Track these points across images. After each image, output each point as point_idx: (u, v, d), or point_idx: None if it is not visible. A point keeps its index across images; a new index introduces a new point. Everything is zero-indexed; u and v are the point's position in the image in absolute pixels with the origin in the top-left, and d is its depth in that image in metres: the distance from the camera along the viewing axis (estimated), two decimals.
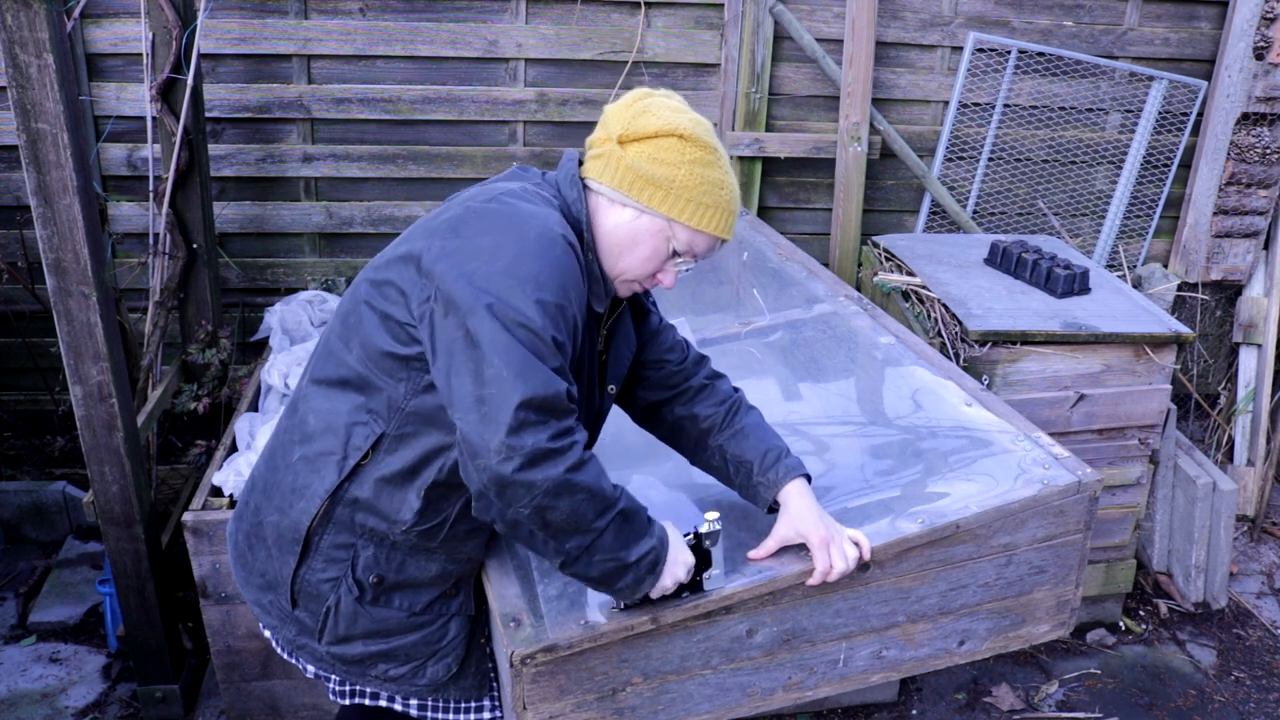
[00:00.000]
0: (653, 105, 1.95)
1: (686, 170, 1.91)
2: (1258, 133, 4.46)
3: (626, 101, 1.98)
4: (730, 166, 1.99)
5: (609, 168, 1.94)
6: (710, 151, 1.94)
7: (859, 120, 4.24)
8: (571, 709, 2.00)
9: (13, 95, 2.59)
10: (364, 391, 1.93)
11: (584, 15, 4.11)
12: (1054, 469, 2.38)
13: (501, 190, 1.93)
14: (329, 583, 2.01)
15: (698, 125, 1.94)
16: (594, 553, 1.78)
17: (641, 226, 1.94)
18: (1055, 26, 4.39)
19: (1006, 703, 3.59)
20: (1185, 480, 4.07)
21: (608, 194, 1.95)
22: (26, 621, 3.71)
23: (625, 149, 1.93)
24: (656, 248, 1.96)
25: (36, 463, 4.32)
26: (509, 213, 1.84)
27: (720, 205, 1.95)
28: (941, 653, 2.36)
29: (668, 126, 1.91)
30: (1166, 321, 3.49)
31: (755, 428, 2.22)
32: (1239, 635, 4.02)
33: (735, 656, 2.12)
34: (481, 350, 1.70)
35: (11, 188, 3.99)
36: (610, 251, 1.96)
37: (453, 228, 1.85)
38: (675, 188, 1.91)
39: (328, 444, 1.96)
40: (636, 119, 1.93)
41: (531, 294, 1.74)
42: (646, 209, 1.92)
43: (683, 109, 1.97)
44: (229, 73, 3.98)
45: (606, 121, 1.98)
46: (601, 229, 1.96)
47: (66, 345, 2.83)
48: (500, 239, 1.79)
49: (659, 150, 1.91)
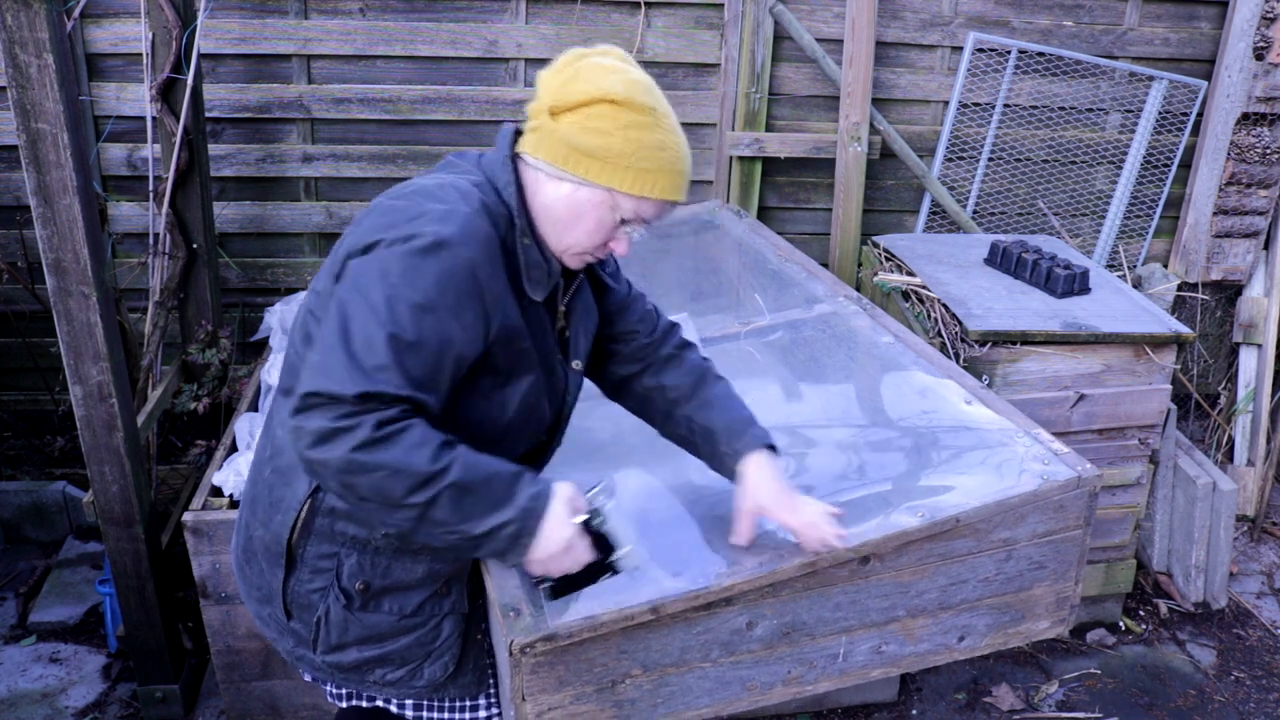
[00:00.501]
0: (584, 69, 1.84)
1: (622, 137, 1.81)
2: (1258, 133, 4.46)
3: (557, 67, 1.88)
4: (674, 124, 1.89)
5: (543, 141, 1.86)
6: (646, 113, 1.83)
7: (859, 120, 4.24)
8: (570, 700, 2.00)
9: (13, 95, 2.59)
10: None
11: (584, 15, 4.11)
12: (1054, 464, 2.38)
13: (415, 186, 1.89)
14: (317, 593, 2.00)
15: (632, 86, 1.83)
16: (427, 524, 1.73)
17: (582, 199, 1.86)
18: (1055, 26, 4.40)
19: (1006, 703, 3.59)
20: (1185, 480, 4.07)
21: (545, 169, 1.87)
22: (26, 621, 3.71)
23: (558, 120, 1.84)
24: (601, 219, 1.89)
25: (36, 463, 4.32)
26: (416, 208, 1.81)
27: (663, 168, 1.86)
28: (941, 648, 2.35)
29: (598, 92, 1.80)
30: (1166, 321, 3.49)
31: (722, 398, 2.20)
32: (1239, 635, 4.02)
33: (735, 649, 2.12)
34: (323, 326, 1.75)
35: (11, 188, 3.99)
36: (553, 227, 1.90)
37: (359, 218, 1.88)
38: (612, 157, 1.82)
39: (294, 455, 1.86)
40: (566, 86, 1.83)
41: (400, 295, 1.71)
42: (585, 181, 1.85)
43: (617, 68, 1.86)
44: (229, 73, 3.99)
45: (539, 89, 1.89)
46: (542, 205, 1.89)
47: (66, 345, 2.83)
48: (395, 242, 1.76)
49: (591, 119, 1.81)
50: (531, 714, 1.99)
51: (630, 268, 3.91)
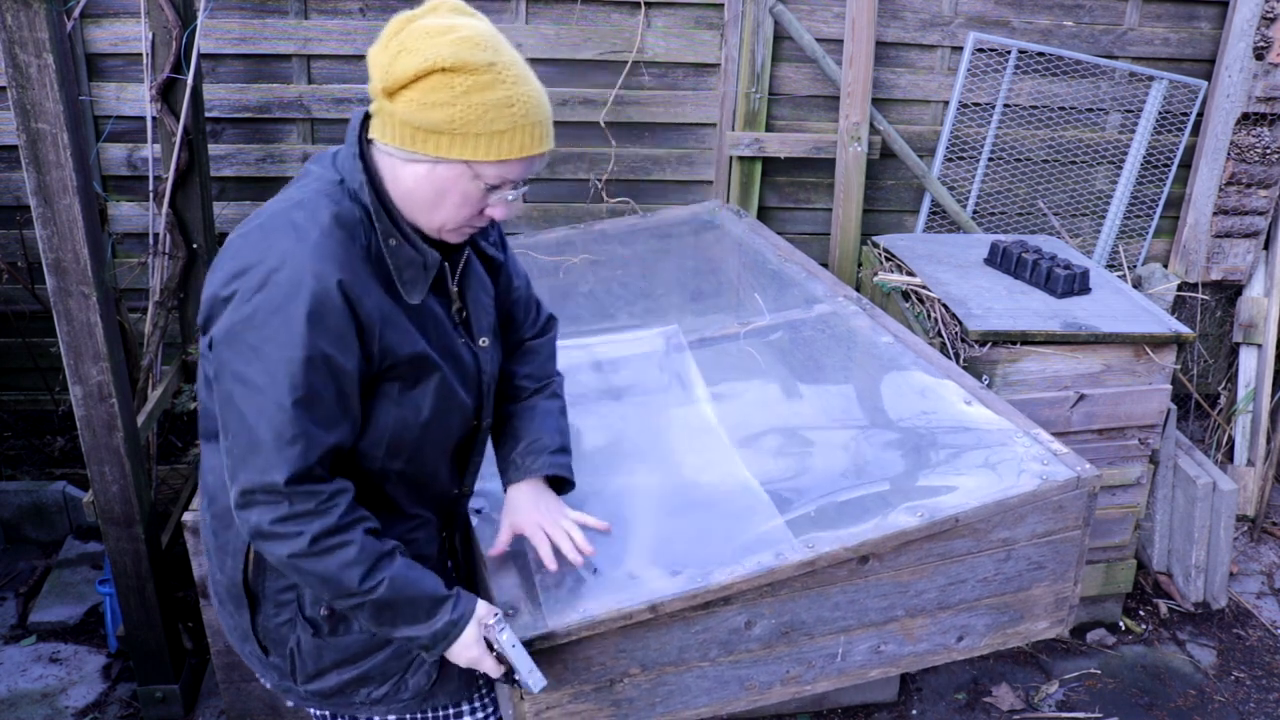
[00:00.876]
0: (409, 40, 1.71)
1: (464, 105, 1.69)
2: (1258, 133, 4.46)
3: (384, 41, 1.75)
4: (519, 73, 1.75)
5: (386, 126, 1.75)
6: (484, 70, 1.70)
7: (859, 120, 4.24)
8: (569, 699, 2.00)
9: (13, 95, 2.59)
10: None
11: (584, 15, 4.11)
12: (1053, 465, 2.38)
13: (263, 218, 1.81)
14: (285, 626, 1.97)
15: (461, 45, 1.69)
16: (357, 615, 1.84)
17: (441, 176, 1.76)
18: (1055, 26, 4.39)
19: (1006, 703, 3.59)
20: (1185, 480, 4.07)
21: (395, 153, 1.77)
22: (26, 621, 3.71)
23: (394, 101, 1.72)
24: (466, 192, 1.78)
25: (36, 463, 4.32)
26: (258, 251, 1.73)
27: (516, 125, 1.73)
28: (940, 648, 2.36)
29: (427, 63, 1.67)
30: (1166, 321, 3.49)
31: (545, 414, 2.18)
32: (1239, 635, 4.02)
33: (733, 649, 2.12)
34: (225, 414, 1.73)
35: (11, 188, 3.99)
36: (421, 210, 1.80)
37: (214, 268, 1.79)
38: (458, 127, 1.70)
39: (228, 498, 1.81)
40: (395, 62, 1.70)
41: (270, 351, 1.68)
42: (438, 159, 1.74)
43: (442, 28, 1.72)
44: (229, 73, 3.99)
45: (370, 69, 1.77)
46: (403, 190, 1.79)
47: (66, 345, 2.83)
48: (243, 285, 1.71)
49: (427, 93, 1.69)
50: (530, 713, 2.00)
51: (630, 268, 3.94)
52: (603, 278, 3.77)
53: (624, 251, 3.92)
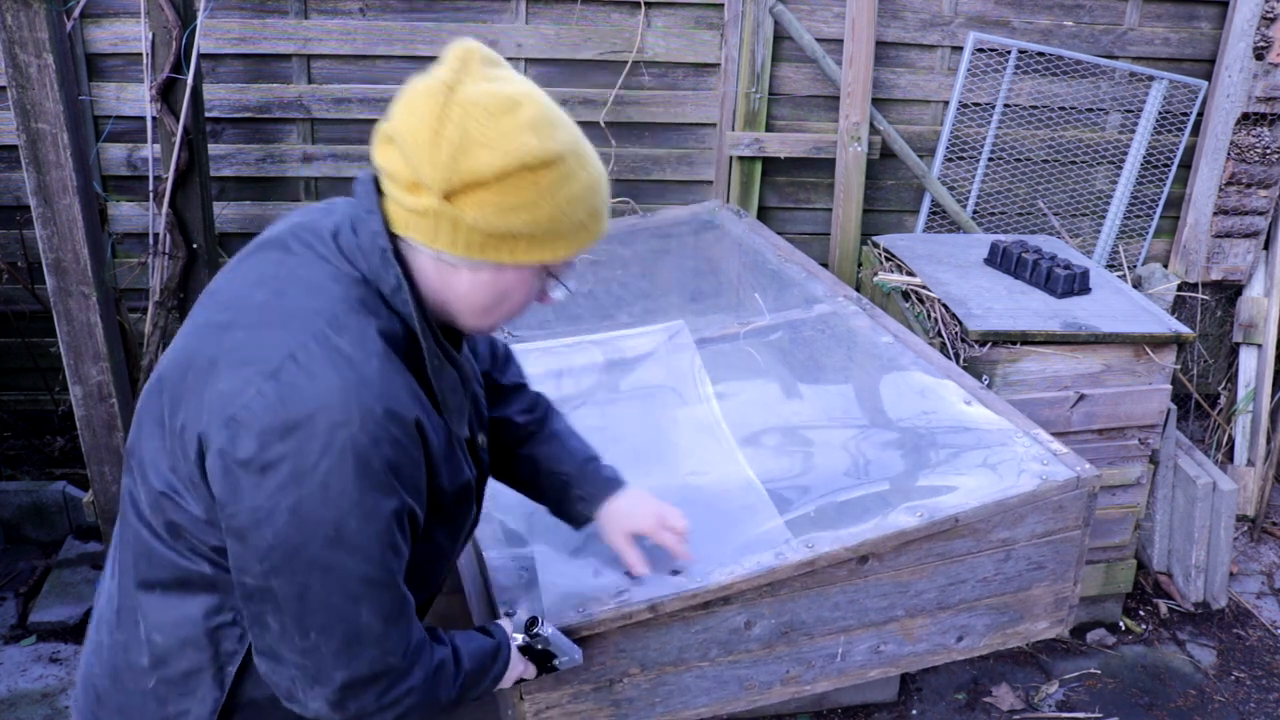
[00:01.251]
0: (473, 126, 1.39)
1: (549, 205, 1.44)
2: (1258, 133, 4.46)
3: (426, 119, 1.41)
4: (585, 145, 1.50)
5: (442, 232, 1.44)
6: (567, 158, 1.45)
7: (859, 120, 4.24)
8: (569, 699, 2.00)
9: (13, 95, 2.60)
10: (217, 588, 1.53)
11: (584, 15, 4.11)
12: (1053, 465, 2.38)
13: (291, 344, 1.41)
14: None
15: (540, 129, 1.42)
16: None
17: (507, 280, 1.51)
18: (1055, 26, 4.40)
19: (1006, 703, 3.59)
20: (1185, 480, 4.07)
21: (450, 260, 1.48)
22: (26, 621, 3.71)
23: (458, 206, 1.42)
24: (530, 290, 1.55)
25: (36, 463, 4.32)
26: (308, 400, 1.38)
27: (594, 212, 1.51)
28: (939, 648, 2.36)
29: (511, 161, 1.40)
30: (1166, 321, 3.49)
31: (569, 435, 2.01)
32: (1239, 635, 4.02)
33: (733, 649, 2.12)
34: (294, 615, 1.42)
35: (11, 188, 3.99)
36: (471, 314, 1.55)
37: (230, 416, 1.39)
38: (540, 229, 1.45)
39: (191, 661, 1.56)
40: (461, 159, 1.39)
41: (359, 524, 1.40)
42: (509, 264, 1.48)
43: (502, 104, 1.41)
44: (229, 73, 3.99)
45: (404, 150, 1.43)
46: (453, 295, 1.52)
47: (66, 345, 2.84)
48: (301, 447, 1.37)
49: (506, 194, 1.41)
50: (529, 712, 2.00)
51: (630, 268, 3.94)
52: (603, 278, 3.77)
53: (624, 251, 3.92)
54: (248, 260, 1.59)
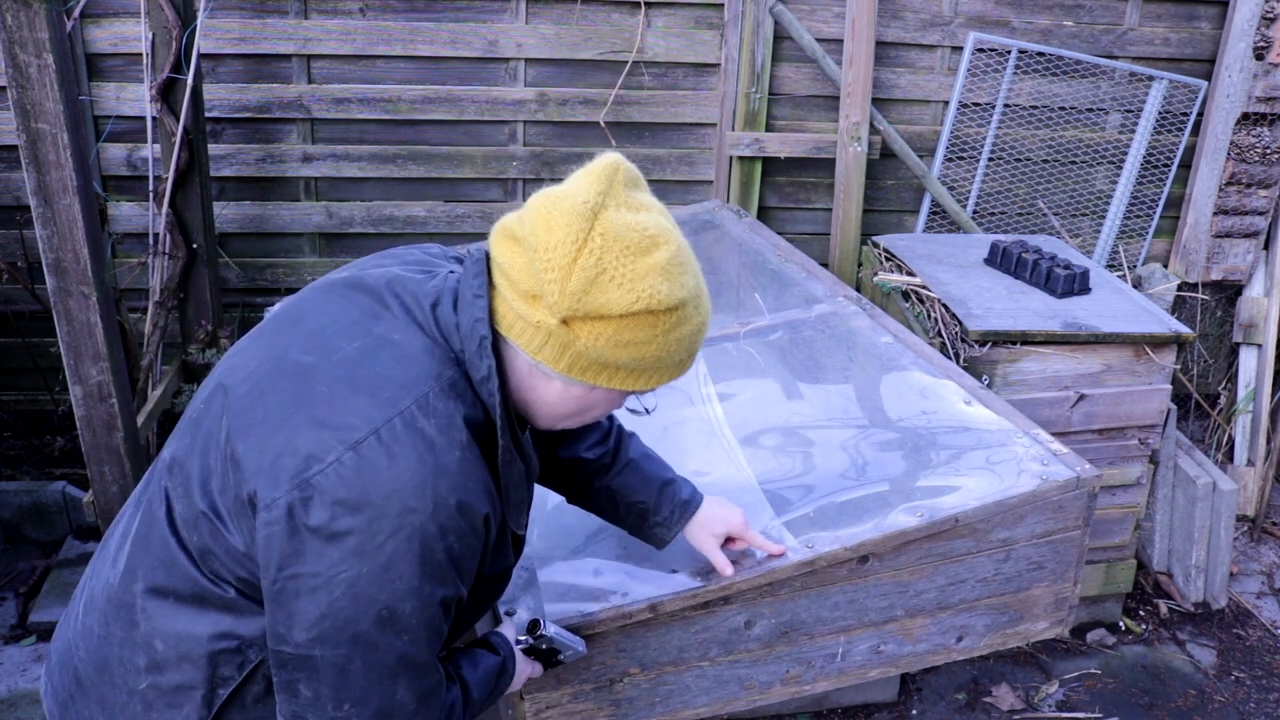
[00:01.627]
0: (609, 260, 1.39)
1: (660, 344, 1.46)
2: (1258, 133, 4.46)
3: (565, 242, 1.39)
4: (704, 291, 1.53)
5: (549, 348, 1.45)
6: (689, 304, 1.47)
7: (859, 120, 4.24)
8: (569, 699, 2.00)
9: (13, 95, 2.59)
10: (231, 612, 1.52)
11: (584, 15, 4.11)
12: (1053, 465, 2.38)
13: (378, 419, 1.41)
14: None
15: (671, 275, 1.43)
16: None
17: (597, 398, 1.54)
18: (1055, 26, 4.40)
19: (1006, 703, 3.59)
20: (1185, 480, 4.07)
21: (546, 371, 1.49)
22: (26, 621, 3.71)
23: (574, 331, 1.43)
24: (611, 407, 1.60)
25: (36, 463, 4.32)
26: (387, 482, 1.38)
27: (694, 353, 1.54)
28: (939, 648, 2.36)
29: (640, 304, 1.41)
30: (1166, 321, 3.49)
31: (644, 461, 2.00)
32: (1239, 635, 4.01)
33: (733, 649, 2.12)
34: (331, 685, 1.42)
35: (11, 188, 3.99)
36: (551, 418, 1.57)
37: (307, 479, 1.38)
38: (645, 364, 1.48)
39: (186, 676, 1.54)
40: (591, 293, 1.40)
41: (413, 608, 1.41)
42: (604, 388, 1.51)
43: (642, 242, 1.42)
44: (229, 73, 3.99)
45: (538, 270, 1.41)
46: (538, 399, 1.54)
47: (66, 345, 2.83)
48: (371, 525, 1.37)
49: (624, 332, 1.43)
50: (529, 712, 2.00)
51: None
52: None
53: None
54: (338, 297, 1.57)
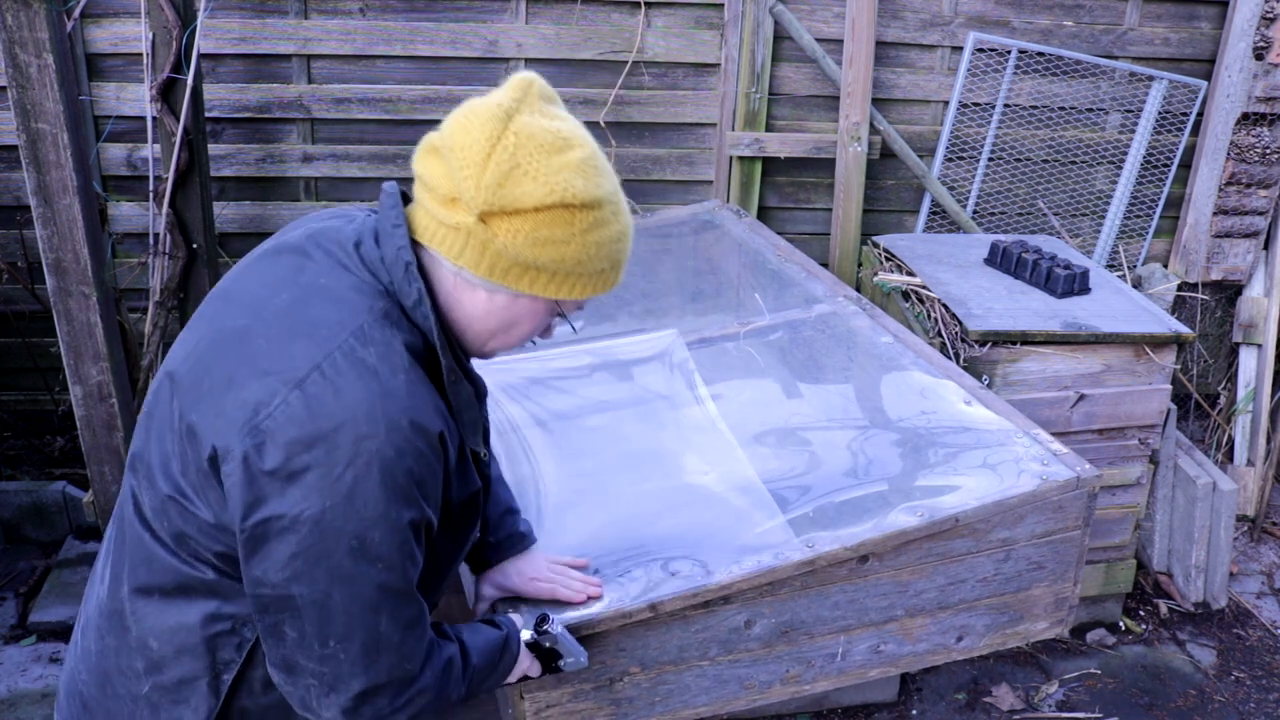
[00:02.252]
0: (523, 155, 1.43)
1: (579, 244, 1.48)
2: (1258, 133, 4.46)
3: (480, 141, 1.44)
4: (620, 194, 1.54)
5: (470, 250, 1.47)
6: (605, 204, 1.49)
7: (859, 120, 4.24)
8: (569, 698, 2.00)
9: (13, 95, 2.60)
10: (216, 594, 1.53)
11: (584, 15, 4.11)
12: (1053, 465, 2.38)
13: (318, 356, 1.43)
14: None
15: (586, 172, 1.46)
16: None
17: (522, 308, 1.55)
18: (1055, 26, 4.40)
19: (1006, 703, 3.59)
20: (1185, 480, 4.07)
21: (469, 278, 1.51)
22: (26, 621, 3.71)
23: (491, 228, 1.45)
24: (539, 323, 1.60)
25: (36, 463, 4.32)
26: (336, 412, 1.39)
27: (616, 261, 1.56)
28: (939, 648, 2.36)
29: (554, 197, 1.43)
30: (1166, 321, 3.49)
31: (497, 483, 1.99)
32: (1239, 635, 4.02)
33: (733, 648, 2.12)
34: (314, 622, 1.43)
35: (11, 188, 3.99)
36: (480, 336, 1.58)
37: (257, 426, 1.40)
38: (565, 267, 1.49)
39: (187, 669, 1.56)
40: (505, 186, 1.43)
41: (382, 534, 1.41)
42: (527, 294, 1.52)
43: (560, 142, 1.46)
44: (229, 73, 3.99)
45: (451, 165, 1.45)
46: (466, 313, 1.55)
47: (66, 345, 2.83)
48: (328, 458, 1.38)
49: (540, 228, 1.45)
50: (530, 712, 2.00)
51: (630, 268, 3.92)
52: None
53: None
54: (262, 263, 1.59)
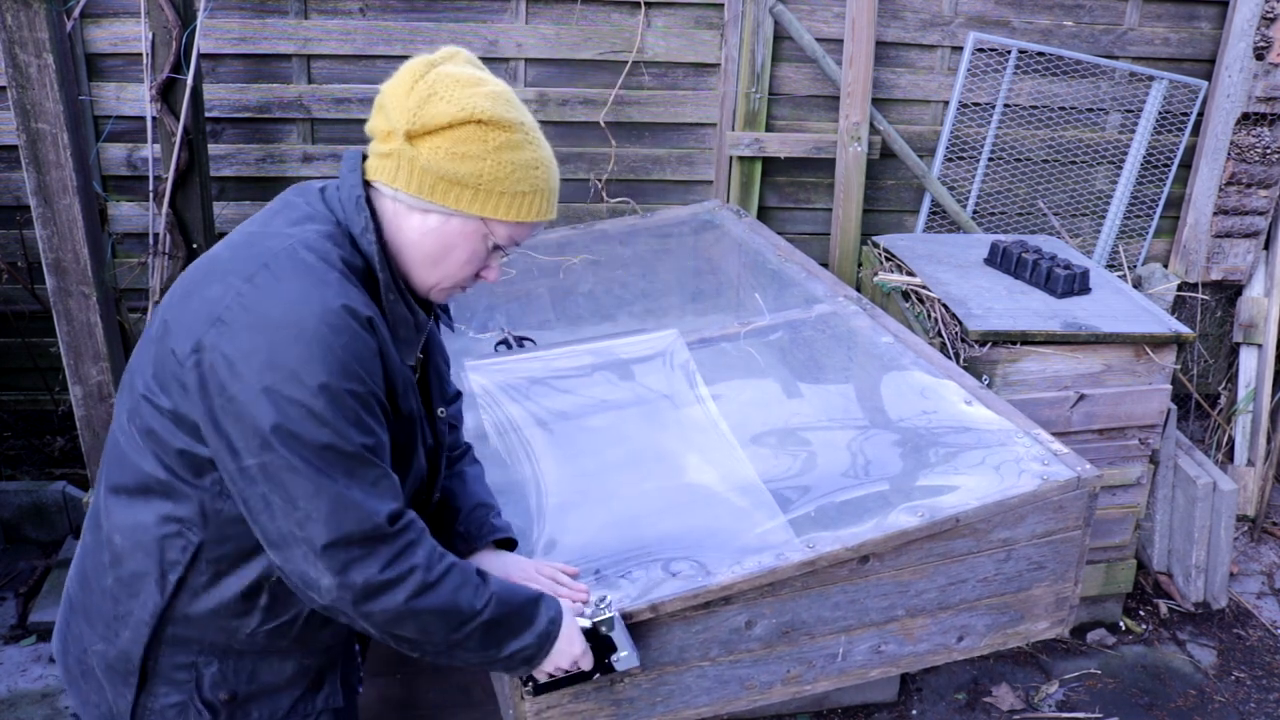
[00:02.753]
0: (439, 85, 1.66)
1: (493, 160, 1.66)
2: (1258, 133, 4.46)
3: (405, 81, 1.68)
4: (541, 136, 1.75)
5: (401, 171, 1.68)
6: (516, 129, 1.68)
7: (859, 120, 4.24)
8: (570, 699, 2.00)
9: (13, 95, 2.59)
10: (169, 497, 1.68)
11: (584, 15, 4.11)
12: (1053, 465, 2.38)
13: (266, 257, 1.64)
14: (174, 708, 1.77)
15: (496, 100, 1.67)
16: (457, 655, 1.73)
17: (453, 230, 1.71)
18: (1055, 26, 4.40)
19: (1006, 703, 3.59)
20: (1185, 480, 4.07)
21: (406, 200, 1.69)
22: (26, 621, 3.71)
23: (416, 146, 1.66)
24: (474, 249, 1.74)
25: (36, 463, 4.32)
26: (279, 298, 1.58)
27: (538, 188, 1.72)
28: (940, 648, 2.36)
29: (463, 113, 1.64)
30: (1167, 321, 3.49)
31: (475, 479, 2.10)
32: (1239, 635, 4.01)
33: (734, 648, 2.12)
34: (283, 488, 1.56)
35: (11, 188, 3.99)
36: (421, 263, 1.74)
37: (217, 316, 1.59)
38: (484, 183, 1.67)
39: (140, 564, 1.71)
40: (424, 108, 1.64)
41: (326, 401, 1.55)
42: (455, 211, 1.69)
43: (475, 78, 1.68)
44: (229, 73, 3.99)
45: (385, 107, 1.69)
46: (405, 240, 1.72)
47: (66, 345, 2.83)
48: (273, 337, 1.55)
49: (457, 143, 1.65)
50: (530, 712, 1.99)
51: (630, 268, 3.94)
52: (603, 278, 3.77)
53: (624, 251, 3.92)
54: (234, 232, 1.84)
